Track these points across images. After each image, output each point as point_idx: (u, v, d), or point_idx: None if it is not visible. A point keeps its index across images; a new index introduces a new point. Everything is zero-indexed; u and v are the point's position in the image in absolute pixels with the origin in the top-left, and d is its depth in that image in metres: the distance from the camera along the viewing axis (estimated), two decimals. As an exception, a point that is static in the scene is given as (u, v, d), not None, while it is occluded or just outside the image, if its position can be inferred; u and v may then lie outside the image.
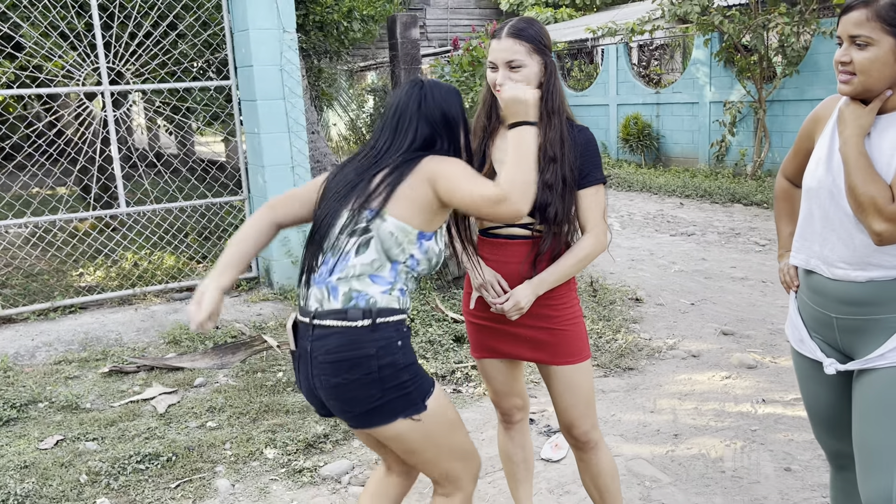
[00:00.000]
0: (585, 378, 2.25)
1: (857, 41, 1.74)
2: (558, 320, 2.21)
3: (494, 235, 2.19)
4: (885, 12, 1.71)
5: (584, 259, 2.15)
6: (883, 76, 1.74)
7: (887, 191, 1.70)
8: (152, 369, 4.39)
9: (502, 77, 2.07)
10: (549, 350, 2.22)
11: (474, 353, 2.36)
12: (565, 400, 2.25)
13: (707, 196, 9.93)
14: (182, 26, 5.41)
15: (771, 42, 10.22)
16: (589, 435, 2.28)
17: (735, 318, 5.09)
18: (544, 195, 2.08)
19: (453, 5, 23.08)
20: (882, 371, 1.82)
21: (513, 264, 2.16)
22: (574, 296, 2.27)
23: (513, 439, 2.49)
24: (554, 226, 2.11)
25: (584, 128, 2.20)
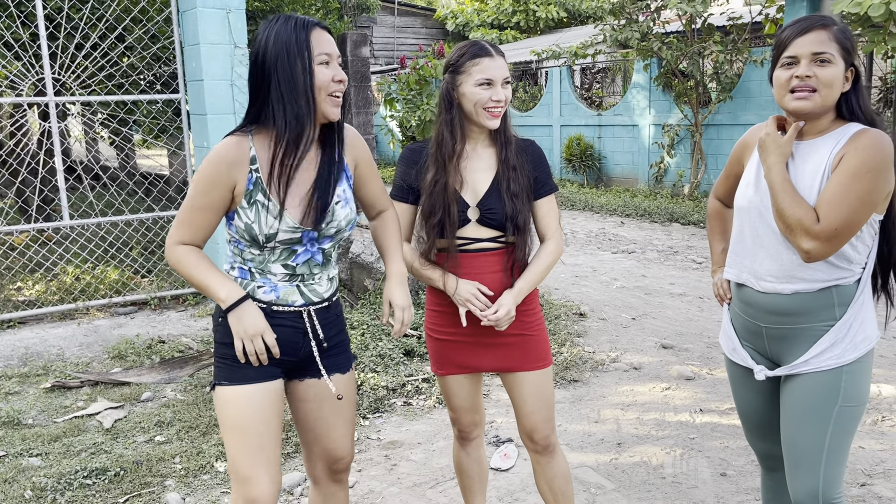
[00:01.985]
0: (549, 383, 2.34)
1: (820, 58, 1.88)
2: (528, 325, 2.30)
3: (463, 250, 2.24)
4: (840, 36, 1.89)
5: (550, 265, 2.27)
6: (835, 95, 1.91)
7: (812, 212, 1.86)
8: (97, 384, 4.32)
9: (500, 94, 2.15)
10: (519, 357, 2.29)
11: (437, 370, 2.39)
12: (530, 405, 2.31)
13: (647, 215, 10.26)
14: (130, 38, 5.37)
15: (706, 69, 10.68)
16: (549, 439, 2.35)
17: (674, 332, 5.30)
18: (512, 205, 2.18)
19: (400, 24, 23.30)
20: (807, 376, 1.98)
21: (487, 275, 2.23)
22: (538, 301, 2.37)
23: (469, 455, 2.53)
24: (523, 234, 2.21)
25: (531, 141, 2.32)
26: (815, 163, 1.93)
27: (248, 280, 2.00)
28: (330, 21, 6.99)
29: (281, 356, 2.01)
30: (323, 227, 1.98)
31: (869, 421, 3.75)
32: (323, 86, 1.89)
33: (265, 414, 1.99)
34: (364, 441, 3.66)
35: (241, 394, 1.97)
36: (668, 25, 11.09)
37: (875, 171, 1.83)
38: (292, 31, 1.87)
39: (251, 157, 1.92)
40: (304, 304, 2.02)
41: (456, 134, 2.20)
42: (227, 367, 1.99)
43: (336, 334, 2.14)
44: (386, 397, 4.10)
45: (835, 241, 1.85)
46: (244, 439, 1.95)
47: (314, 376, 2.10)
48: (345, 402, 2.16)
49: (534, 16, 22.05)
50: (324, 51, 1.89)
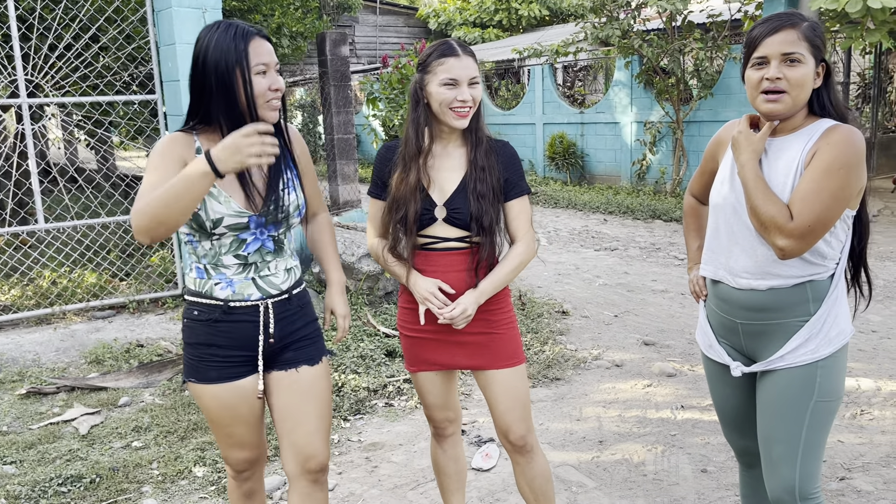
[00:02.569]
0: (522, 381, 2.33)
1: (790, 58, 1.87)
2: (496, 324, 2.29)
3: (430, 249, 2.25)
4: (809, 34, 1.87)
5: (518, 266, 2.26)
6: (806, 94, 1.90)
7: (785, 210, 1.85)
8: (73, 390, 4.26)
9: (466, 94, 2.14)
10: (488, 355, 2.29)
11: (409, 366, 2.40)
12: (502, 404, 2.31)
13: (629, 213, 10.28)
14: (105, 39, 5.29)
15: (687, 66, 10.72)
16: (526, 439, 2.33)
17: (656, 329, 5.31)
18: (478, 205, 2.17)
19: (382, 23, 23.22)
20: (782, 372, 1.98)
21: (452, 274, 2.23)
22: (508, 301, 2.36)
23: (445, 452, 2.54)
24: (489, 234, 2.20)
25: (505, 142, 2.32)
26: (788, 159, 1.92)
27: (205, 279, 2.05)
28: (309, 20, 6.95)
29: (241, 352, 2.07)
30: (270, 212, 2.03)
31: (848, 415, 3.76)
32: (259, 94, 1.95)
33: (233, 410, 2.10)
34: (345, 443, 3.63)
35: (207, 392, 2.09)
36: (648, 23, 11.12)
37: (847, 167, 1.83)
38: (231, 40, 1.92)
39: (197, 148, 1.99)
40: (261, 297, 2.07)
41: (421, 132, 2.21)
42: (193, 367, 2.10)
43: (302, 327, 2.17)
44: (367, 399, 4.07)
45: (809, 238, 1.84)
46: (217, 430, 2.16)
47: (281, 369, 2.14)
48: (315, 396, 2.16)
49: (516, 14, 22.04)
50: (261, 61, 1.95)
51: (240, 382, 2.09)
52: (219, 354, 2.06)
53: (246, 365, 2.09)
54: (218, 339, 2.05)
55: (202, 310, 2.05)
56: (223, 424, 2.13)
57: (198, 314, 2.05)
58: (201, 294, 2.05)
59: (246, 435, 2.17)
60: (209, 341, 2.05)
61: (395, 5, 24.20)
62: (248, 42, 1.93)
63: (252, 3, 6.28)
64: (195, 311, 2.06)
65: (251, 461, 2.26)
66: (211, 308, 2.04)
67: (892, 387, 4.09)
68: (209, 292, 2.04)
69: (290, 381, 2.13)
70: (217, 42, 1.93)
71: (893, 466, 3.23)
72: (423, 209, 2.20)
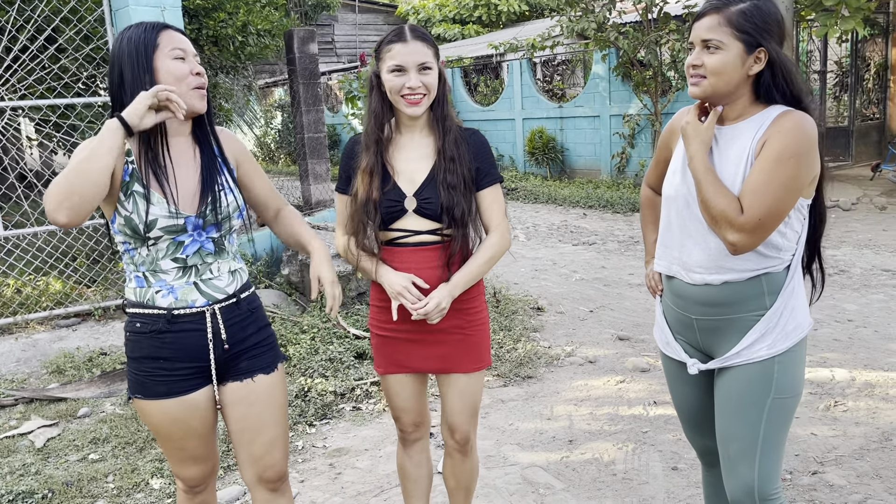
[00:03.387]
0: (480, 384, 2.33)
1: (708, 45, 1.81)
2: (469, 324, 2.24)
3: (402, 244, 2.17)
4: (734, 18, 1.79)
5: (493, 258, 2.20)
6: (731, 80, 1.82)
7: (736, 203, 1.77)
8: (32, 402, 4.14)
9: (415, 80, 2.06)
10: (456, 357, 2.24)
11: (379, 368, 2.32)
12: (457, 405, 2.30)
13: (609, 206, 10.23)
14: (61, 40, 5.16)
15: (664, 58, 10.67)
16: (467, 438, 2.35)
17: (631, 324, 5.24)
18: (449, 196, 2.10)
19: (361, 21, 23.09)
20: (739, 368, 1.90)
21: (425, 271, 2.15)
22: (483, 298, 2.31)
23: (411, 458, 2.45)
24: (462, 227, 2.13)
25: (474, 130, 2.24)
26: (738, 148, 1.85)
27: (145, 287, 1.96)
28: (276, 18, 6.83)
29: (191, 363, 1.98)
30: (207, 214, 1.95)
31: (822, 406, 3.71)
32: (180, 78, 1.89)
33: (184, 424, 2.01)
34: (309, 450, 3.54)
35: (155, 408, 1.98)
36: (625, 15, 11.06)
37: (798, 156, 1.75)
38: (143, 32, 1.90)
39: (126, 150, 1.90)
40: (206, 303, 1.97)
41: (379, 121, 2.16)
42: (139, 382, 1.98)
43: (254, 333, 2.08)
44: (334, 403, 3.97)
45: (760, 232, 1.77)
46: (167, 445, 2.06)
47: (236, 379, 2.05)
48: (272, 405, 2.10)
49: (496, 9, 21.95)
50: (177, 46, 1.91)
51: (191, 396, 1.99)
52: (166, 368, 1.95)
53: (196, 377, 2.00)
54: (164, 351, 1.95)
55: (145, 321, 1.94)
56: (174, 440, 2.03)
57: (140, 326, 1.95)
58: (142, 304, 1.94)
59: (199, 448, 2.08)
60: (155, 354, 1.95)
61: (375, 3, 24.06)
62: (160, 32, 1.91)
63: (216, 1, 6.16)
64: (137, 324, 1.95)
65: (205, 475, 2.17)
66: (154, 318, 1.94)
67: (867, 377, 4.04)
68: (150, 301, 1.94)
69: (246, 391, 2.05)
70: (129, 36, 1.91)
71: (867, 459, 3.17)
72: (392, 200, 2.12)
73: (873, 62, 12.44)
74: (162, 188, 1.89)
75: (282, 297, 5.54)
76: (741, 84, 1.83)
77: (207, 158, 2.00)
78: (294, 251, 5.54)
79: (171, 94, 1.79)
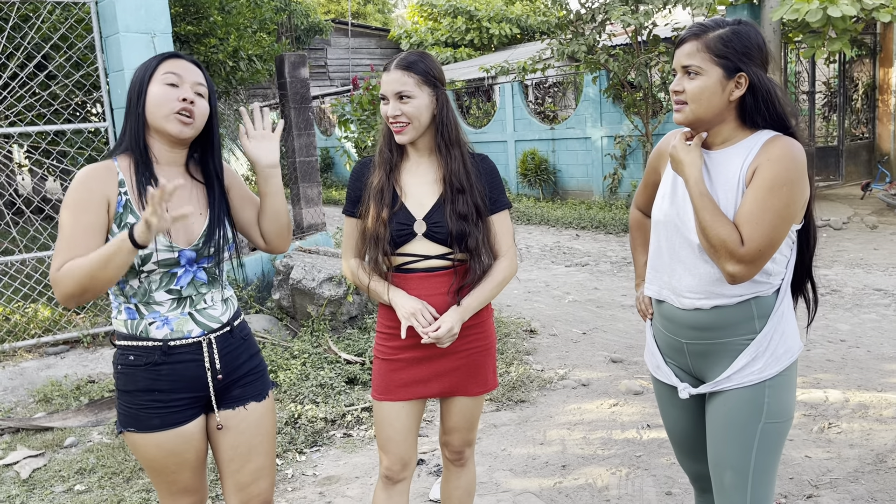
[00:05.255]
0: (480, 406, 2.36)
1: (688, 71, 1.82)
2: (477, 348, 2.24)
3: (412, 270, 2.16)
4: (713, 44, 1.80)
5: (502, 282, 2.21)
6: (712, 105, 1.82)
7: (735, 233, 1.76)
8: (18, 431, 4.08)
9: (394, 109, 2.08)
10: (463, 381, 2.24)
11: (377, 394, 2.26)
12: (458, 424, 2.33)
13: (602, 227, 10.24)
14: (51, 67, 5.16)
15: (654, 79, 10.75)
16: (464, 454, 2.39)
17: (624, 346, 5.21)
18: (460, 225, 2.11)
19: (354, 45, 23.25)
20: (730, 393, 1.88)
21: (437, 296, 2.15)
22: (491, 322, 2.31)
23: (391, 499, 2.30)
24: (476, 255, 2.14)
25: (484, 156, 2.26)
26: (728, 174, 1.84)
27: (138, 319, 1.92)
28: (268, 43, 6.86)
29: (185, 394, 1.95)
30: (200, 246, 1.94)
31: (815, 428, 3.68)
32: (162, 103, 1.86)
33: (179, 457, 1.97)
34: (299, 478, 3.48)
35: (150, 441, 1.94)
36: (615, 38, 11.16)
37: (790, 184, 1.75)
38: (150, 60, 1.91)
39: (119, 180, 1.89)
40: (201, 333, 1.96)
41: (389, 142, 2.19)
42: (131, 416, 1.94)
43: (248, 360, 2.08)
44: (324, 430, 3.93)
45: (759, 262, 1.77)
46: (159, 478, 2.01)
47: (229, 407, 2.04)
48: (262, 433, 2.09)
49: (487, 33, 22.15)
50: (171, 70, 1.89)
51: (186, 427, 1.96)
52: (161, 400, 1.92)
53: (191, 408, 1.97)
54: (160, 383, 1.92)
55: (139, 353, 1.91)
56: (167, 472, 1.99)
57: (134, 359, 1.91)
58: (135, 336, 1.91)
59: (190, 480, 2.04)
60: (150, 387, 1.91)
61: (367, 27, 24.26)
62: (165, 60, 1.90)
63: (207, 27, 6.18)
64: (130, 356, 1.92)
65: None
66: (148, 350, 1.91)
67: (861, 398, 4.01)
68: (144, 333, 1.91)
69: (238, 419, 2.04)
70: (138, 68, 1.93)
71: (862, 482, 3.14)
72: (401, 224, 2.13)
73: (861, 82, 12.55)
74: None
75: (272, 322, 5.50)
76: (724, 109, 1.83)
77: (214, 192, 2.01)
78: (283, 276, 5.51)
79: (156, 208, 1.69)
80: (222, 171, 2.06)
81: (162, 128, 1.88)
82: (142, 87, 1.88)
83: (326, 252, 6.04)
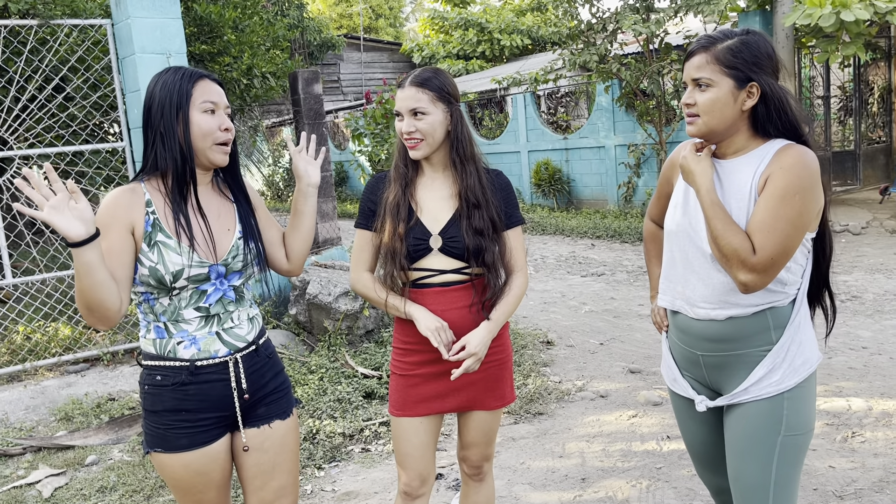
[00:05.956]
0: (498, 420, 2.36)
1: (699, 83, 1.82)
2: (495, 362, 2.24)
3: (428, 285, 2.17)
4: (722, 56, 1.80)
5: (520, 297, 2.23)
6: (724, 116, 1.82)
7: (748, 242, 1.75)
8: (40, 450, 4.11)
9: (408, 125, 2.10)
10: (480, 395, 2.24)
11: (397, 410, 2.27)
12: (475, 439, 2.33)
13: (617, 236, 10.20)
14: (69, 88, 5.24)
15: (667, 87, 10.72)
16: (483, 468, 2.39)
17: (642, 356, 5.18)
18: (476, 240, 2.12)
19: (367, 60, 23.40)
20: (747, 405, 1.86)
21: (454, 311, 2.15)
22: (507, 336, 2.31)
23: None
24: (492, 269, 2.15)
25: (498, 172, 2.27)
26: (740, 183, 1.83)
27: (166, 338, 1.94)
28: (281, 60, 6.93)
29: (212, 414, 1.97)
30: (229, 261, 1.97)
31: (839, 437, 3.63)
32: (207, 133, 1.90)
33: (206, 476, 1.99)
34: (318, 494, 3.49)
35: (177, 461, 1.95)
36: (626, 47, 11.15)
37: (802, 192, 1.74)
38: (178, 80, 1.90)
39: (146, 201, 1.92)
40: (228, 352, 1.97)
41: (405, 157, 2.21)
42: (158, 436, 1.95)
43: (272, 378, 2.10)
44: (343, 445, 3.93)
45: (772, 271, 1.75)
46: (186, 499, 2.01)
47: (254, 425, 2.05)
48: (286, 451, 2.11)
49: (499, 45, 22.21)
50: (208, 99, 1.91)
51: (212, 446, 1.98)
52: (189, 420, 1.94)
53: (218, 427, 1.99)
54: (187, 403, 1.93)
55: (166, 373, 1.93)
56: (194, 493, 2.00)
57: (161, 379, 1.93)
58: (162, 356, 1.93)
59: (216, 499, 2.05)
60: (178, 407, 1.93)
61: (379, 41, 24.41)
62: (196, 82, 1.91)
63: (221, 46, 6.26)
64: (158, 376, 1.93)
65: None
66: (176, 371, 1.92)
67: (885, 406, 3.96)
68: (172, 353, 1.92)
69: (263, 437, 2.06)
70: (164, 83, 1.91)
71: (887, 492, 3.09)
72: (417, 238, 2.14)
73: (877, 86, 12.45)
74: (189, 237, 1.90)
75: (290, 338, 5.52)
76: (737, 119, 1.82)
77: (243, 208, 2.05)
78: (299, 291, 5.53)
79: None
80: (245, 185, 2.10)
81: (205, 157, 1.93)
82: (180, 112, 1.88)
83: (342, 266, 6.07)
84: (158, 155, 1.91)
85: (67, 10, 5.38)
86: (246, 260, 2.01)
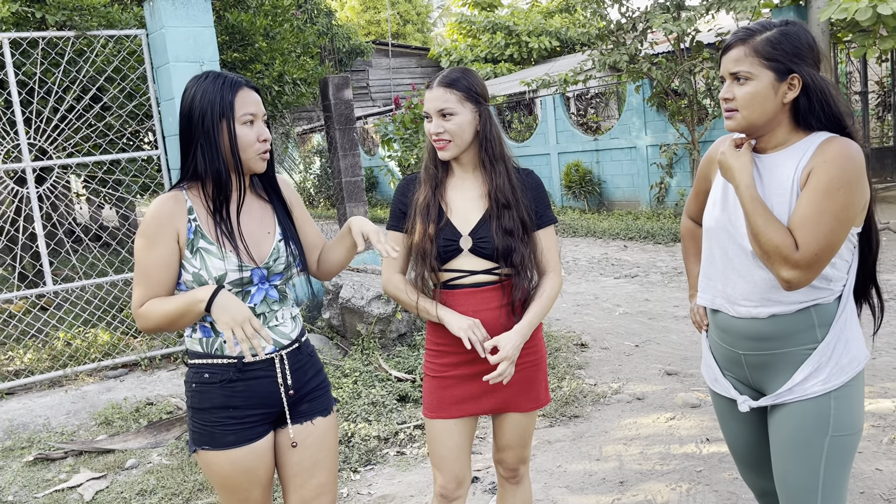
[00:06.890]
0: (533, 422, 2.34)
1: (737, 77, 1.78)
2: (528, 364, 2.23)
3: (459, 286, 2.16)
4: (761, 48, 1.76)
5: (553, 298, 2.20)
6: (764, 110, 1.77)
7: (790, 238, 1.71)
8: (81, 454, 4.18)
9: (436, 126, 2.10)
10: (514, 397, 2.23)
11: (429, 412, 2.27)
12: (511, 441, 2.31)
13: (650, 237, 10.09)
14: (106, 98, 5.34)
15: (699, 86, 10.59)
16: (519, 471, 2.36)
17: (679, 358, 5.10)
18: (506, 241, 2.11)
19: (395, 65, 23.52)
20: (792, 406, 1.82)
21: (485, 311, 2.15)
22: (541, 337, 2.30)
23: None
24: (522, 270, 2.13)
25: (529, 171, 2.26)
26: (782, 178, 1.79)
27: (213, 336, 1.97)
28: (311, 66, 6.99)
29: (259, 410, 2.00)
30: (271, 264, 1.99)
31: (885, 440, 3.53)
32: (247, 146, 1.93)
33: (252, 473, 2.01)
34: (354, 497, 3.49)
35: (224, 458, 1.97)
36: (657, 46, 11.04)
37: (847, 185, 1.69)
38: (218, 90, 1.90)
39: (188, 208, 1.95)
40: (273, 349, 2.01)
41: (434, 158, 2.21)
42: (206, 433, 1.98)
43: (314, 375, 2.12)
44: (378, 448, 3.93)
45: (816, 267, 1.70)
46: (232, 497, 2.03)
47: (296, 422, 2.08)
48: (326, 448, 2.13)
49: (527, 47, 22.18)
50: (248, 111, 1.93)
51: (258, 443, 2.00)
52: (236, 416, 1.97)
53: (263, 424, 2.02)
54: (235, 399, 1.96)
55: (213, 371, 1.96)
56: (240, 490, 2.02)
57: (209, 377, 1.96)
58: (209, 354, 1.96)
59: (261, 498, 2.07)
60: (225, 404, 1.96)
61: (407, 47, 24.53)
62: (236, 92, 1.92)
63: (252, 53, 6.33)
64: (205, 374, 1.96)
65: None
66: (223, 368, 1.95)
67: (932, 407, 3.85)
68: (219, 351, 1.96)
69: (305, 434, 2.08)
70: (204, 92, 1.91)
71: (937, 495, 3.00)
72: (447, 239, 2.13)
73: (916, 80, 12.16)
74: (232, 242, 1.93)
75: (323, 341, 5.55)
76: (778, 112, 1.78)
77: (280, 212, 2.07)
78: (332, 295, 5.56)
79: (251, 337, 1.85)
80: (279, 187, 2.11)
81: (246, 166, 1.96)
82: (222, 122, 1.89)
83: (374, 270, 6.08)
84: (199, 163, 1.93)
85: (103, 21, 5.48)
86: (287, 262, 2.03)
